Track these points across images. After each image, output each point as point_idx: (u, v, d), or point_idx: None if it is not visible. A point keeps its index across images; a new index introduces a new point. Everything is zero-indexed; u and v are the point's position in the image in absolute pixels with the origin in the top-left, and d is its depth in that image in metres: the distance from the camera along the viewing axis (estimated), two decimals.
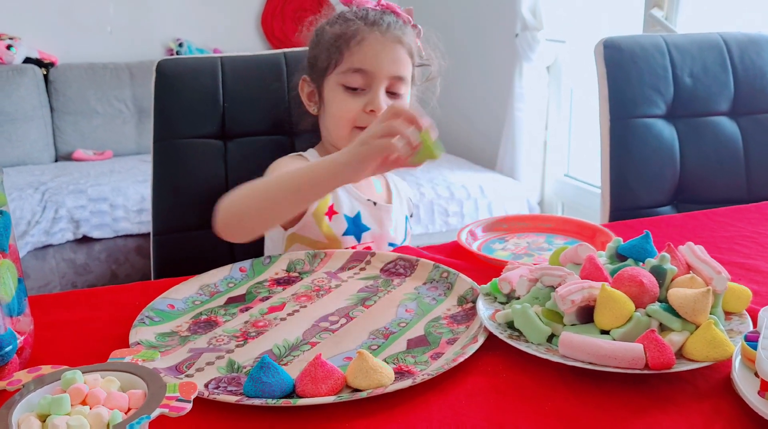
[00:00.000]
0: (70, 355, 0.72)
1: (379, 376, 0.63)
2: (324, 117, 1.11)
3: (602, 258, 0.79)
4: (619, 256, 0.79)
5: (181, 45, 3.29)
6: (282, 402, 0.60)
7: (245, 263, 0.93)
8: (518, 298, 0.76)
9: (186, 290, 0.86)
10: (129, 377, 0.55)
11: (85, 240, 2.43)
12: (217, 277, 0.90)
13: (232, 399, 0.61)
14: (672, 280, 0.73)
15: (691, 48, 1.43)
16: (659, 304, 0.69)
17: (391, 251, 0.99)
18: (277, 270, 0.93)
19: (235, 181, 1.05)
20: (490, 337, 0.71)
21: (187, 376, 0.67)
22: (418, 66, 1.13)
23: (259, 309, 0.83)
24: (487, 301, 0.78)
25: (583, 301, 0.68)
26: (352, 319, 0.79)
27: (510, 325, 0.72)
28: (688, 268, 0.76)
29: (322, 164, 0.85)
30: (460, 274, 0.87)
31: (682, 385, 0.63)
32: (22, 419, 0.50)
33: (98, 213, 2.43)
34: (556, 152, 2.83)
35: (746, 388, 0.59)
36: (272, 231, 1.09)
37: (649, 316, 0.68)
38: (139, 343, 0.72)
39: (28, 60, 3.05)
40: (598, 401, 0.61)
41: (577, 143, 2.77)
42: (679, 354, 0.65)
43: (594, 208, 2.56)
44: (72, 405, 0.51)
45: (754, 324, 0.71)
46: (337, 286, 0.89)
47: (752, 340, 0.63)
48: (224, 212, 0.90)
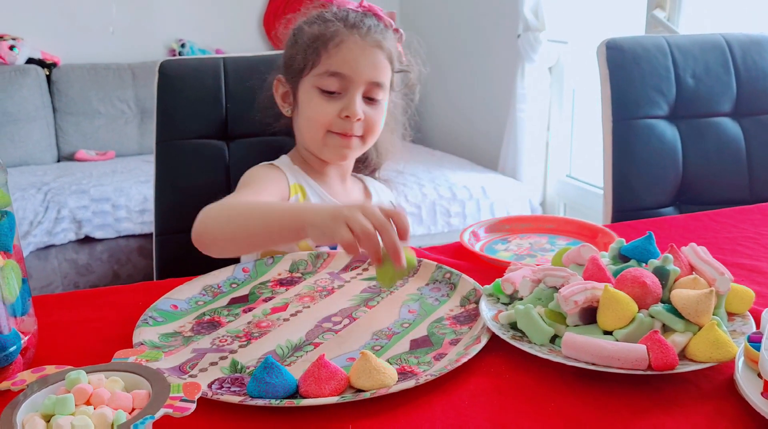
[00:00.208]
0: (73, 355, 0.72)
1: (383, 376, 0.63)
2: (298, 119, 1.08)
3: (605, 259, 0.79)
4: (622, 257, 0.79)
5: (183, 45, 3.30)
6: (285, 402, 0.60)
7: (248, 264, 0.93)
8: (521, 299, 0.77)
9: (189, 290, 0.86)
10: (133, 377, 0.55)
11: (88, 240, 2.43)
12: (220, 278, 0.90)
13: (236, 399, 0.61)
14: (675, 281, 0.73)
15: (694, 49, 1.43)
16: (662, 305, 0.69)
17: None
18: (280, 270, 0.93)
19: (238, 182, 1.05)
20: (493, 338, 0.71)
21: (191, 377, 0.68)
22: (398, 72, 1.09)
23: (262, 309, 0.83)
24: (490, 302, 0.78)
25: (586, 302, 0.68)
26: (355, 320, 0.79)
27: (513, 326, 0.72)
28: (691, 269, 0.76)
29: (293, 212, 0.81)
30: (463, 275, 0.87)
31: (685, 386, 0.63)
32: (27, 419, 0.50)
33: (100, 213, 2.43)
34: (558, 153, 2.83)
35: (749, 389, 0.59)
36: None
37: (652, 317, 0.68)
38: (142, 344, 0.72)
39: (30, 60, 3.06)
40: (601, 402, 0.61)
41: (579, 144, 2.77)
42: (682, 355, 0.65)
43: (595, 209, 2.57)
44: (76, 405, 0.51)
45: (757, 325, 0.71)
46: (340, 287, 0.89)
47: (755, 341, 0.63)
48: (201, 226, 0.88)
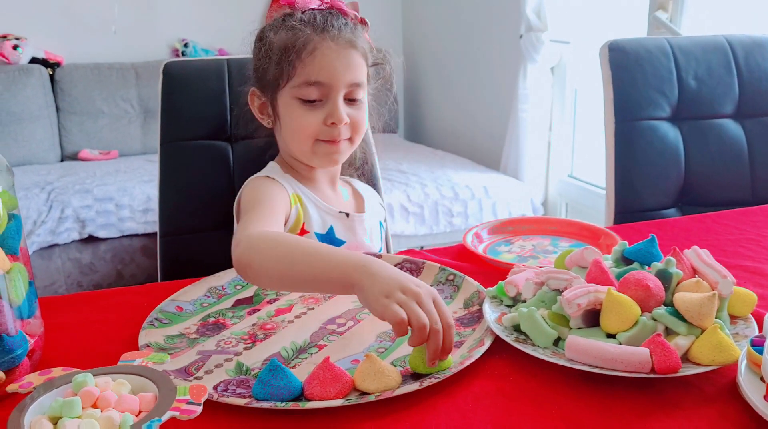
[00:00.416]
0: (79, 357, 0.73)
1: (387, 379, 0.63)
2: (281, 131, 1.05)
3: (608, 261, 0.80)
4: (625, 260, 0.79)
5: (186, 45, 3.30)
6: (291, 405, 0.60)
7: None
8: (524, 301, 0.77)
9: (194, 292, 0.86)
10: (139, 380, 0.56)
11: (91, 239, 2.44)
12: (224, 279, 0.90)
13: (242, 402, 0.61)
14: (678, 284, 0.74)
15: (696, 50, 1.43)
16: (665, 308, 0.69)
17: (396, 253, 0.99)
18: None
19: (241, 183, 1.05)
20: (497, 341, 0.71)
21: (196, 379, 0.68)
22: (372, 66, 1.07)
23: (266, 311, 0.83)
24: (494, 304, 0.78)
25: (590, 305, 0.68)
26: (359, 322, 0.80)
27: (516, 329, 0.72)
28: (694, 272, 0.76)
29: (341, 270, 0.71)
30: (467, 277, 0.87)
31: (688, 389, 0.64)
32: (35, 422, 0.50)
33: (104, 213, 2.44)
34: (560, 153, 2.83)
35: (752, 392, 0.59)
36: None
37: (655, 320, 0.68)
38: (148, 346, 0.72)
39: (34, 60, 3.07)
40: (604, 405, 0.62)
41: (581, 144, 2.77)
42: (685, 358, 0.65)
43: (597, 209, 2.57)
44: (83, 408, 0.51)
45: (760, 328, 0.71)
46: None
47: (758, 345, 0.63)
48: (246, 259, 0.79)
